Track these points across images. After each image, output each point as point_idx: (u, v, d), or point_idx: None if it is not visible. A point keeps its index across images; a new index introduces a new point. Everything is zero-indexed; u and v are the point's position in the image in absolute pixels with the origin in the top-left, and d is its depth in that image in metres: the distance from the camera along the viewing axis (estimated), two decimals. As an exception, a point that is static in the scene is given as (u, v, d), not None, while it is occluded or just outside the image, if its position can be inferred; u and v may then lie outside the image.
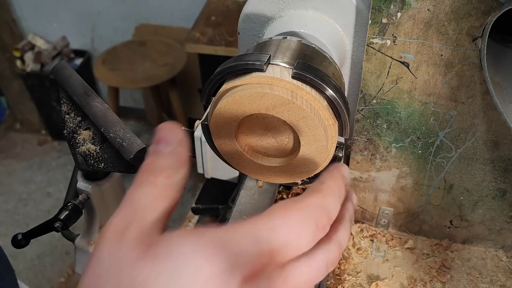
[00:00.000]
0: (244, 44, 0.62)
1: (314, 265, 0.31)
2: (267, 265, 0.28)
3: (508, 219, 0.65)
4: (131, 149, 0.45)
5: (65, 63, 0.50)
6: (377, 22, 0.51)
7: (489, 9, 0.47)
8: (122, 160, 0.46)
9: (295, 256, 0.30)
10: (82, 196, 0.53)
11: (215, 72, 0.47)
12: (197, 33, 1.77)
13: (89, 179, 0.53)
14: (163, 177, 0.31)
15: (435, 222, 0.69)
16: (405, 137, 0.60)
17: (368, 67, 0.55)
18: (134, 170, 0.46)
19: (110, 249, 0.27)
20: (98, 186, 0.53)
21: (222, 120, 0.46)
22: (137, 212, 0.29)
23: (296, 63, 0.45)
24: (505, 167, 0.60)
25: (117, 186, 0.55)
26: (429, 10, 0.49)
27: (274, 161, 0.50)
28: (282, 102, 0.43)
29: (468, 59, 0.51)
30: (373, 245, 0.71)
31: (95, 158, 0.48)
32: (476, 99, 0.54)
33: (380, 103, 0.58)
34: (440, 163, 0.62)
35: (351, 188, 0.68)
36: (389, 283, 0.66)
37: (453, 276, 0.66)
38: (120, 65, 2.18)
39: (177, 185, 0.31)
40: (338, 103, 0.45)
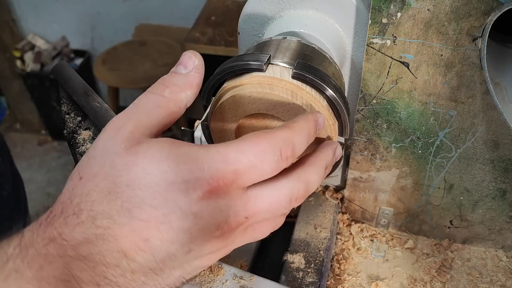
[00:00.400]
0: (244, 44, 0.62)
1: (276, 195, 0.33)
2: (230, 184, 0.30)
3: (508, 219, 0.65)
4: None
5: (65, 63, 0.50)
6: (377, 22, 0.51)
7: (489, 9, 0.47)
8: None
9: (258, 181, 0.32)
10: None
11: (215, 72, 0.47)
12: (197, 33, 1.77)
13: None
14: (170, 91, 0.34)
15: (435, 222, 0.69)
16: (405, 137, 0.60)
17: (368, 67, 0.55)
18: None
19: (105, 139, 0.31)
20: None
21: (222, 120, 0.46)
22: (137, 114, 0.33)
23: (296, 63, 0.45)
24: (505, 167, 0.60)
25: None
26: (429, 10, 0.49)
27: (274, 161, 0.50)
28: (282, 102, 0.43)
29: (468, 59, 0.51)
30: (373, 245, 0.71)
31: None
32: (476, 99, 0.54)
33: (380, 103, 0.58)
34: (440, 163, 0.62)
35: (354, 185, 0.68)
36: (389, 283, 0.66)
37: (453, 276, 0.66)
38: (120, 65, 2.18)
39: (180, 102, 0.35)
40: (338, 103, 0.45)
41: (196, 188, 0.29)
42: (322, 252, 0.64)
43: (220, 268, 0.53)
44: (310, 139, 0.36)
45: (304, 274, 0.61)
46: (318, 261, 0.63)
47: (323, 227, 0.68)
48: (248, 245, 0.66)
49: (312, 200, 0.73)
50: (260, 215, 0.33)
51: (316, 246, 0.65)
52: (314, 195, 0.73)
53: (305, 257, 0.63)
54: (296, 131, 0.34)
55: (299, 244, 0.65)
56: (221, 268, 0.53)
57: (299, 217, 0.70)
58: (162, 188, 0.29)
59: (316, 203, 0.72)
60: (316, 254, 0.64)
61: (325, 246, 0.65)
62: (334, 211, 0.71)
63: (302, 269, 0.62)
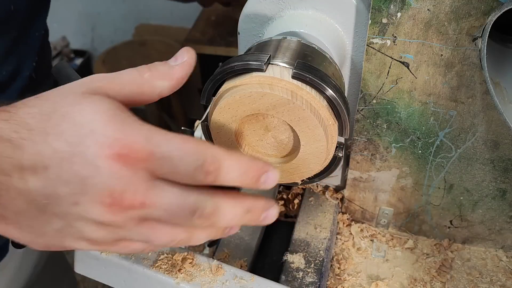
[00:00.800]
0: (244, 44, 0.62)
1: (181, 199, 0.32)
2: (140, 161, 0.31)
3: (508, 219, 0.65)
4: None
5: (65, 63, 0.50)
6: (377, 22, 0.51)
7: (489, 9, 0.47)
8: None
9: (169, 177, 0.32)
10: None
11: (215, 72, 0.47)
12: (197, 33, 1.77)
13: None
14: (150, 75, 0.37)
15: (435, 222, 0.69)
16: (405, 137, 0.60)
17: (368, 67, 0.55)
18: None
19: (78, 82, 0.35)
20: None
21: (222, 120, 0.46)
22: (113, 79, 0.35)
23: (296, 63, 0.45)
24: (505, 167, 0.60)
25: None
26: (429, 10, 0.49)
27: (274, 161, 0.50)
28: (282, 102, 0.43)
29: (468, 59, 0.51)
30: (373, 245, 0.71)
31: None
32: (476, 99, 0.54)
33: (380, 103, 0.58)
34: (440, 163, 0.62)
35: (354, 185, 0.68)
36: (389, 283, 0.66)
37: (453, 276, 0.66)
38: (120, 65, 2.18)
39: (154, 88, 0.37)
40: (338, 103, 0.45)
41: (110, 147, 0.30)
42: (322, 252, 0.64)
43: (220, 268, 0.53)
44: (246, 178, 0.33)
45: (304, 274, 0.61)
46: (318, 261, 0.63)
47: (323, 227, 0.68)
48: (248, 245, 0.66)
49: (312, 200, 0.73)
50: (157, 210, 0.32)
51: (316, 246, 0.65)
52: (314, 195, 0.73)
53: (305, 257, 0.63)
54: (232, 158, 0.33)
55: (299, 244, 0.65)
56: (221, 268, 0.53)
57: (299, 217, 0.70)
58: (84, 131, 0.30)
59: (316, 203, 0.72)
60: (316, 254, 0.64)
61: (325, 246, 0.65)
62: (334, 211, 0.71)
63: (302, 269, 0.62)
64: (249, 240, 0.66)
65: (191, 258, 0.54)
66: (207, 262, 0.54)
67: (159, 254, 0.54)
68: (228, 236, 0.66)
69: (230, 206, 0.34)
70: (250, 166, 0.34)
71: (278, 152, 0.50)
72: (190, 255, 0.54)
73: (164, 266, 0.53)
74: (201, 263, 0.54)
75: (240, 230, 0.68)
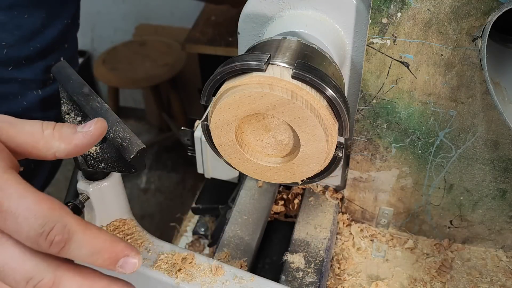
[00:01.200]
0: (244, 44, 0.62)
1: (15, 261, 0.30)
2: None
3: (508, 219, 0.65)
4: (131, 149, 0.45)
5: (66, 63, 0.50)
6: (377, 22, 0.51)
7: (489, 9, 0.47)
8: (122, 160, 0.45)
9: (11, 234, 0.30)
10: (82, 196, 0.53)
11: (215, 72, 0.47)
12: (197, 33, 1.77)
13: (89, 179, 0.53)
14: (50, 133, 0.36)
15: (435, 222, 0.69)
16: (405, 137, 0.60)
17: (368, 67, 0.55)
18: (134, 170, 0.46)
19: None
20: (98, 186, 0.53)
21: (222, 120, 0.46)
22: (13, 123, 0.35)
23: (296, 63, 0.45)
24: (505, 167, 0.60)
25: (117, 185, 0.55)
26: (429, 10, 0.49)
27: (274, 161, 0.50)
28: (282, 102, 0.43)
29: (468, 59, 0.51)
30: (373, 245, 0.71)
31: (95, 158, 0.47)
32: (476, 99, 0.54)
33: (380, 103, 0.58)
34: (440, 163, 0.62)
35: (354, 185, 0.68)
36: (389, 283, 0.66)
37: (453, 276, 0.66)
38: (120, 65, 2.18)
39: (50, 147, 0.36)
40: (338, 103, 0.45)
41: None
42: (322, 252, 0.64)
43: (220, 268, 0.53)
44: (99, 258, 0.32)
45: (304, 274, 0.61)
46: (318, 261, 0.63)
47: (323, 227, 0.68)
48: (248, 245, 0.66)
49: (312, 200, 0.73)
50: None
51: (316, 246, 0.65)
52: (314, 195, 0.73)
53: (305, 257, 0.63)
54: (86, 233, 0.31)
55: (299, 244, 0.65)
56: (221, 268, 0.53)
57: (299, 217, 0.70)
58: None
59: (316, 203, 0.72)
60: (316, 254, 0.64)
61: (325, 246, 0.65)
62: (334, 211, 0.71)
63: (302, 269, 0.62)
64: (249, 240, 0.66)
65: (191, 258, 0.54)
66: (207, 262, 0.54)
67: (159, 254, 0.54)
68: (228, 236, 0.67)
69: (73, 284, 0.31)
70: (106, 246, 0.32)
71: (278, 152, 0.50)
72: (190, 255, 0.54)
73: (164, 266, 0.53)
74: (201, 263, 0.54)
75: (240, 230, 0.68)
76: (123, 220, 0.57)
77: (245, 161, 0.50)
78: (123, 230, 0.56)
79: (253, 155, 0.49)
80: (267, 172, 0.50)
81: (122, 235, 0.56)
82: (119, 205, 0.56)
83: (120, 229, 0.56)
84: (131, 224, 0.57)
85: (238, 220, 0.69)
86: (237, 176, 0.78)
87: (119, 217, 0.57)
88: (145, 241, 0.55)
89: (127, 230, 0.56)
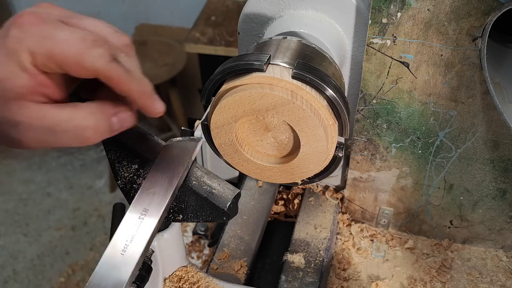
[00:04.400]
0: (244, 44, 0.62)
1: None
2: None
3: (508, 219, 0.65)
4: (225, 196, 0.41)
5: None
6: (377, 22, 0.51)
7: (489, 9, 0.47)
8: (208, 208, 0.41)
9: None
10: (149, 251, 0.47)
11: (215, 72, 0.47)
12: (197, 33, 1.77)
13: None
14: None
15: (435, 222, 0.69)
16: (405, 137, 0.60)
17: (368, 67, 0.55)
18: (226, 218, 0.41)
19: None
20: (162, 237, 0.49)
21: (222, 120, 0.46)
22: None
23: (296, 63, 0.45)
24: (505, 167, 0.60)
25: (178, 234, 0.51)
26: (429, 10, 0.49)
27: (274, 161, 0.50)
28: (282, 102, 0.43)
29: (468, 59, 0.51)
30: (373, 245, 0.71)
31: (169, 210, 0.42)
32: (476, 99, 0.54)
33: (380, 103, 0.58)
34: (440, 163, 0.62)
35: (354, 185, 0.68)
36: (389, 283, 0.66)
37: (453, 276, 0.66)
38: (120, 65, 2.18)
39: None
40: (338, 103, 0.45)
41: None
42: (322, 252, 0.64)
43: None
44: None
45: (304, 274, 0.61)
46: (318, 261, 0.63)
47: (323, 227, 0.68)
48: (248, 245, 0.66)
49: (312, 200, 0.73)
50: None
51: (316, 246, 0.65)
52: (314, 195, 0.73)
53: (305, 257, 0.63)
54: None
55: (299, 244, 0.65)
56: None
57: (299, 217, 0.70)
58: None
59: (316, 203, 0.72)
60: (316, 254, 0.64)
61: (325, 246, 0.65)
62: (334, 211, 0.71)
63: (302, 269, 0.62)
64: (249, 240, 0.66)
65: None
66: None
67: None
68: (228, 236, 0.67)
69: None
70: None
71: (278, 152, 0.50)
72: None
73: None
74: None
75: (240, 230, 0.68)
76: (184, 268, 0.54)
77: (245, 161, 0.49)
78: (187, 279, 0.53)
79: (253, 155, 0.49)
80: (267, 172, 0.50)
81: (188, 284, 0.53)
82: (180, 253, 0.53)
83: (184, 279, 0.53)
84: (193, 271, 0.54)
85: (238, 220, 0.69)
86: (237, 176, 0.78)
87: (179, 265, 0.54)
88: (215, 287, 0.53)
89: (191, 278, 0.53)
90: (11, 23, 0.36)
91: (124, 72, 0.37)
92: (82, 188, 2.22)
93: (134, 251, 0.37)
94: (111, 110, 0.38)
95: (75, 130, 0.36)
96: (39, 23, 0.35)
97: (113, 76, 0.36)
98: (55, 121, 0.36)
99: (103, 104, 0.38)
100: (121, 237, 0.38)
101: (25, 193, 2.24)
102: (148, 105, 0.39)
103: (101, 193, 2.21)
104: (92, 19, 0.39)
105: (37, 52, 0.35)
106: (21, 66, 0.35)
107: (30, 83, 0.35)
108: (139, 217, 0.39)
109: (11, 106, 0.35)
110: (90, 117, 0.37)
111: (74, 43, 0.35)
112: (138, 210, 0.39)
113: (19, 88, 0.35)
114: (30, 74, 0.35)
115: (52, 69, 0.36)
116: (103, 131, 0.37)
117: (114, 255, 0.37)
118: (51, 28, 0.35)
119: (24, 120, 0.36)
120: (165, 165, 0.41)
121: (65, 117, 0.36)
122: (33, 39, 0.35)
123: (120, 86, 0.37)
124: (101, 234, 2.03)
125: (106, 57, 0.36)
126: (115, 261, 0.36)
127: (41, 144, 0.37)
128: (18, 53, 0.35)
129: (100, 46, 0.36)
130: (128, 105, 0.39)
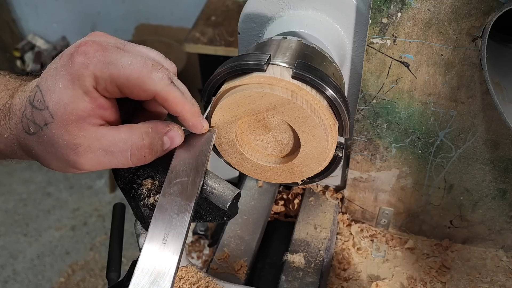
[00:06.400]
0: (244, 44, 0.62)
1: None
2: None
3: (508, 219, 0.65)
4: (225, 196, 0.41)
5: None
6: (377, 22, 0.51)
7: (489, 9, 0.47)
8: (208, 208, 0.41)
9: None
10: None
11: (215, 72, 0.47)
12: (197, 33, 1.77)
13: None
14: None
15: (435, 222, 0.69)
16: (405, 137, 0.60)
17: (368, 67, 0.55)
18: (226, 218, 0.42)
19: None
20: None
21: (222, 120, 0.46)
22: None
23: (296, 63, 0.45)
24: (505, 167, 0.60)
25: None
26: (429, 10, 0.49)
27: (274, 161, 0.50)
28: (282, 102, 0.43)
29: (468, 59, 0.51)
30: (373, 245, 0.71)
31: None
32: (476, 99, 0.54)
33: (380, 103, 0.58)
34: (440, 163, 0.62)
35: (354, 185, 0.68)
36: (389, 283, 0.66)
37: (453, 276, 0.66)
38: (120, 65, 2.18)
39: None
40: (338, 103, 0.45)
41: None
42: (322, 252, 0.64)
43: None
44: None
45: (304, 274, 0.61)
46: (318, 261, 0.63)
47: (323, 227, 0.68)
48: (248, 245, 0.66)
49: (312, 200, 0.73)
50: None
51: (316, 246, 0.65)
52: (314, 195, 0.73)
53: (305, 257, 0.63)
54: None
55: (299, 244, 0.65)
56: None
57: (299, 217, 0.70)
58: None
59: (316, 203, 0.72)
60: (316, 254, 0.64)
61: (325, 246, 0.65)
62: (334, 211, 0.71)
63: (302, 269, 0.62)
64: (249, 240, 0.66)
65: None
66: None
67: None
68: (228, 236, 0.66)
69: None
70: None
71: (278, 152, 0.50)
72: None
73: None
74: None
75: (240, 230, 0.68)
76: (184, 268, 0.54)
77: (245, 161, 0.50)
78: (187, 279, 0.53)
79: (253, 155, 0.49)
80: (267, 172, 0.50)
81: (188, 284, 0.53)
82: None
83: (184, 279, 0.53)
84: (193, 271, 0.54)
85: (238, 220, 0.69)
86: (237, 176, 0.78)
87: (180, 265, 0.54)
88: (214, 287, 0.53)
89: (191, 278, 0.53)
90: (74, 51, 0.38)
91: (181, 94, 0.40)
92: (82, 188, 2.22)
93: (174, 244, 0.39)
94: (163, 129, 0.41)
95: (132, 150, 0.38)
96: (102, 50, 0.38)
97: (170, 98, 0.39)
98: (113, 141, 0.38)
99: (155, 124, 0.41)
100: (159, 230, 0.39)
101: (25, 193, 2.24)
102: (197, 124, 0.42)
103: (101, 193, 2.21)
104: (144, 47, 0.42)
105: (100, 77, 0.37)
106: (84, 90, 0.37)
107: (91, 106, 0.37)
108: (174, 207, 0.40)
109: (72, 129, 0.37)
110: (145, 137, 0.39)
111: (136, 67, 0.37)
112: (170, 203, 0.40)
113: (81, 111, 0.37)
114: (92, 97, 0.37)
115: (111, 92, 0.38)
116: (157, 150, 0.40)
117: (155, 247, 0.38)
118: (114, 54, 0.38)
119: (83, 142, 0.37)
120: (187, 155, 0.42)
121: (122, 138, 0.38)
122: (98, 64, 0.37)
123: (175, 106, 0.40)
124: (101, 234, 2.03)
125: (165, 80, 0.38)
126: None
127: (98, 165, 0.39)
128: (84, 77, 0.37)
129: (160, 70, 0.38)
130: (176, 124, 0.42)
